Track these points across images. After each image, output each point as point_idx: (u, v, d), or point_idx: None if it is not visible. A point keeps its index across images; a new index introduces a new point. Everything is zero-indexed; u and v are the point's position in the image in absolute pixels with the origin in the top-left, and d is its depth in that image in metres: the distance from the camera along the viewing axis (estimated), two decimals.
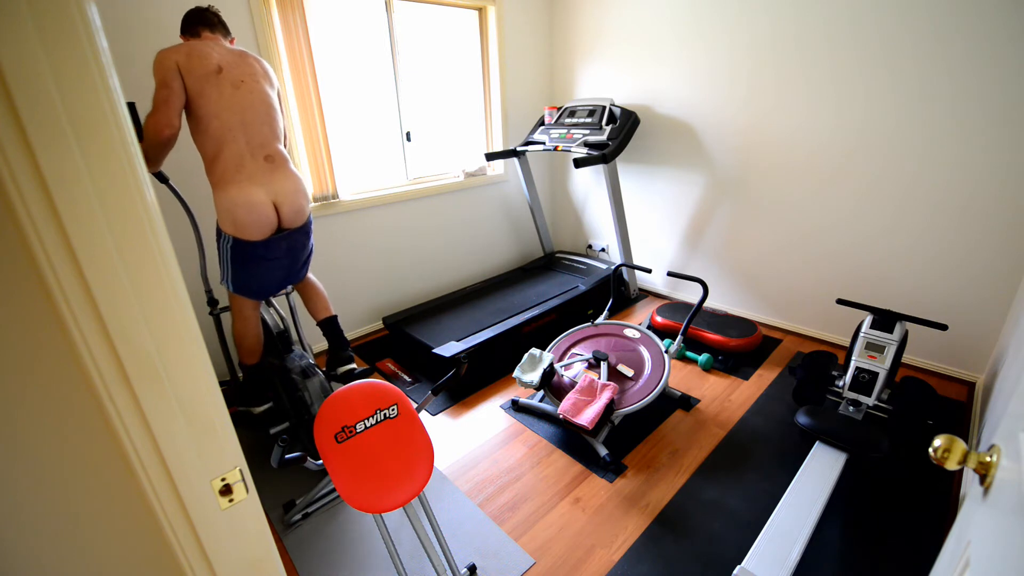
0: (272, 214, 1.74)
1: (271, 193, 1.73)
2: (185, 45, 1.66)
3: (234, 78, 1.69)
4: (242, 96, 1.70)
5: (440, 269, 3.48)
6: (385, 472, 1.26)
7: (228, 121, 1.67)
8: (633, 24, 3.14)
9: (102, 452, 0.63)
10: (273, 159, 1.75)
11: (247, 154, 1.70)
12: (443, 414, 2.38)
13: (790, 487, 1.66)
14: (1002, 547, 0.60)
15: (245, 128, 1.70)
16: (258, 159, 1.72)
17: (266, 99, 1.76)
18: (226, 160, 1.68)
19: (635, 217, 3.54)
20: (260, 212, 1.69)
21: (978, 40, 2.03)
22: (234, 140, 1.67)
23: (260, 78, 1.77)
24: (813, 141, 2.58)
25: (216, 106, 1.65)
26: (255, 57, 1.82)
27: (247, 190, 1.68)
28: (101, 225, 0.52)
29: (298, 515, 1.78)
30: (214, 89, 1.64)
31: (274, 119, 1.78)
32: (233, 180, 1.67)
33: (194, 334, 0.62)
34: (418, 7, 2.98)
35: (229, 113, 1.67)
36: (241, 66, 1.73)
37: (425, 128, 3.22)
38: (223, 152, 1.67)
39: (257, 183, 1.70)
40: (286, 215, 1.77)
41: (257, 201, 1.68)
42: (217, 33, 1.79)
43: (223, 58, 1.69)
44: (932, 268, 2.38)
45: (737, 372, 2.60)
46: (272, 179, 1.73)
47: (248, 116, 1.70)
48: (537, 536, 1.69)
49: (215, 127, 1.66)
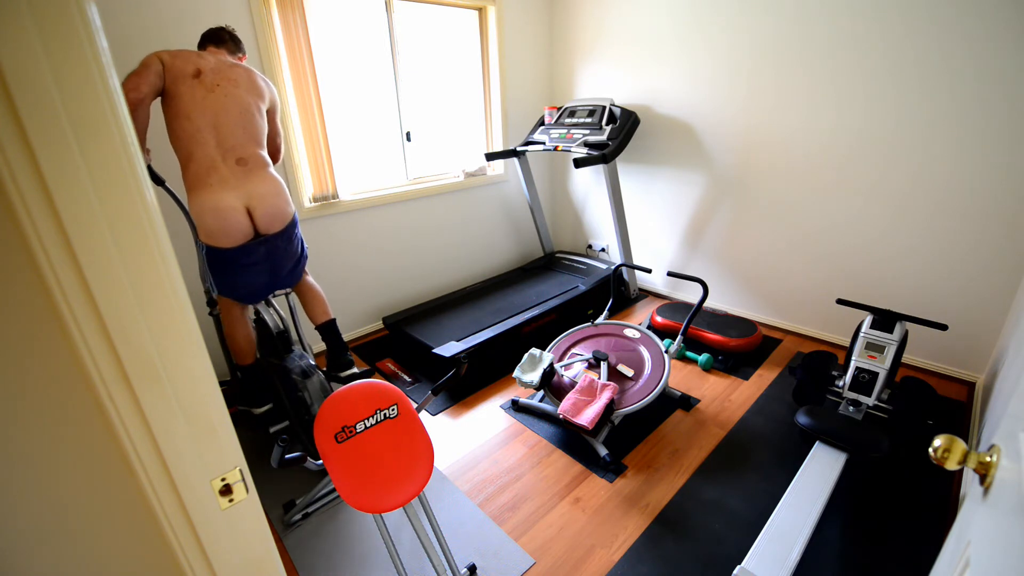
0: (244, 220, 1.68)
1: (243, 197, 1.67)
2: (174, 50, 1.68)
3: (210, 82, 1.68)
4: (215, 99, 1.67)
5: (440, 269, 3.48)
6: (385, 472, 1.26)
7: (198, 122, 1.64)
8: (633, 24, 3.14)
9: (102, 452, 0.63)
10: (246, 162, 1.70)
11: (218, 157, 1.66)
12: (443, 414, 2.38)
13: (790, 487, 1.66)
14: (1002, 547, 0.60)
15: (216, 130, 1.66)
16: (229, 162, 1.67)
17: (242, 104, 1.72)
18: (198, 163, 1.64)
19: (635, 217, 3.54)
20: (230, 218, 1.65)
21: (978, 41, 2.03)
22: (204, 142, 1.64)
23: (241, 85, 1.74)
24: (813, 141, 2.58)
25: (187, 107, 1.63)
26: (248, 70, 1.81)
27: (217, 194, 1.63)
28: (101, 225, 0.52)
29: (298, 515, 1.78)
30: (188, 90, 1.63)
31: (250, 123, 1.74)
32: (204, 184, 1.63)
33: (194, 334, 0.61)
34: (418, 7, 2.98)
35: (199, 114, 1.64)
36: (223, 73, 1.72)
37: (425, 128, 3.22)
38: (194, 154, 1.64)
39: (229, 187, 1.65)
40: (261, 220, 1.72)
41: (226, 207, 1.63)
42: (223, 48, 1.82)
43: (207, 65, 1.70)
44: (932, 268, 2.38)
45: (737, 372, 2.60)
46: (245, 183, 1.68)
47: (220, 119, 1.67)
48: (537, 536, 1.69)
49: (185, 127, 1.63)
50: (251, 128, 1.73)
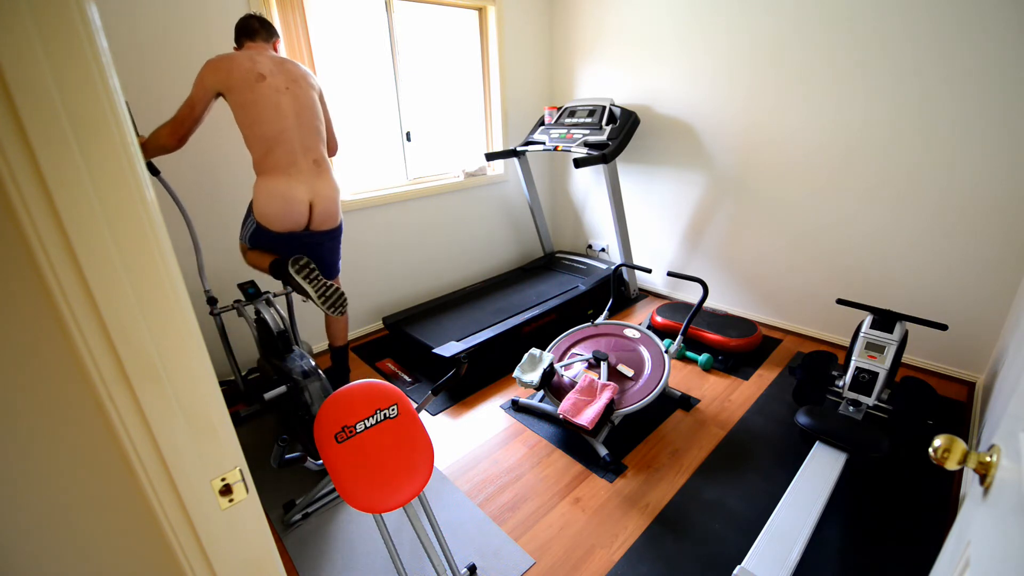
0: (305, 212, 1.84)
1: (311, 193, 1.82)
2: (226, 61, 1.73)
3: (279, 85, 1.77)
4: (288, 101, 1.78)
5: (440, 269, 3.48)
6: (385, 472, 1.26)
7: (281, 124, 1.76)
8: (633, 24, 3.14)
9: (102, 452, 0.62)
10: (320, 164, 1.86)
11: (300, 153, 1.80)
12: (443, 414, 2.38)
13: (790, 487, 1.66)
14: (1002, 547, 0.60)
15: (299, 130, 1.79)
16: (308, 160, 1.82)
17: (311, 104, 1.83)
18: (278, 157, 1.77)
19: (635, 217, 3.54)
20: (295, 208, 1.80)
21: (979, 41, 2.03)
22: (288, 141, 1.77)
23: (301, 82, 1.83)
24: (813, 141, 2.58)
25: (265, 112, 1.74)
26: (293, 63, 1.87)
27: (293, 184, 1.78)
28: (101, 225, 0.52)
29: (298, 515, 1.78)
30: (260, 97, 1.73)
31: (319, 124, 1.86)
32: (283, 172, 1.77)
33: (194, 334, 0.61)
34: (418, 7, 2.98)
35: (281, 117, 1.76)
36: (283, 72, 1.80)
37: (425, 128, 3.22)
38: (276, 150, 1.77)
39: (303, 181, 1.80)
40: (317, 216, 1.87)
41: (296, 197, 1.79)
42: (259, 40, 1.85)
43: (265, 66, 1.77)
44: (932, 268, 2.38)
45: (737, 372, 2.60)
46: (316, 180, 1.84)
47: (302, 119, 1.80)
48: (537, 536, 1.69)
49: (266, 131, 1.75)
50: (320, 129, 1.86)
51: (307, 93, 1.83)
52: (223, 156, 2.36)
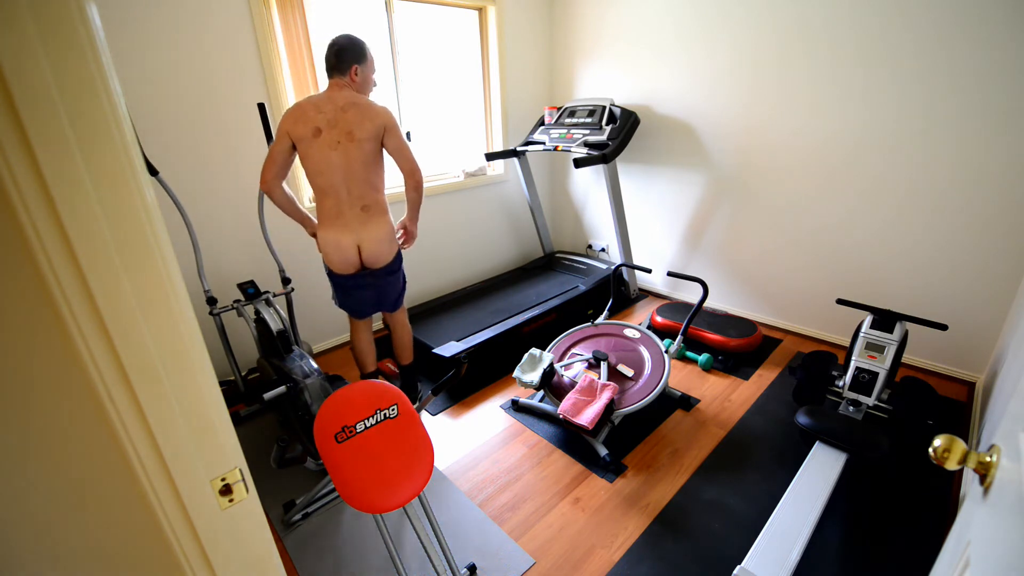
0: (354, 255, 2.00)
1: (358, 238, 1.98)
2: (296, 111, 1.82)
3: (331, 140, 1.84)
4: (338, 157, 1.86)
5: (440, 269, 3.48)
6: (385, 472, 1.26)
7: (330, 178, 1.88)
8: (633, 24, 3.14)
9: (102, 452, 0.62)
10: (369, 209, 1.97)
11: (346, 204, 1.93)
12: (443, 414, 2.38)
13: (790, 487, 1.66)
14: (1002, 547, 0.60)
15: (346, 183, 1.90)
16: (355, 209, 1.95)
17: (363, 157, 1.90)
18: (328, 208, 1.93)
19: (635, 217, 3.54)
20: (345, 253, 1.98)
21: (979, 42, 2.03)
22: (335, 193, 1.91)
23: (356, 135, 1.86)
24: (814, 141, 2.58)
25: (317, 165, 1.86)
26: (357, 106, 1.86)
27: (339, 234, 1.95)
28: (101, 225, 0.52)
29: (298, 515, 1.78)
30: (314, 152, 1.85)
31: (372, 174, 1.95)
32: (332, 224, 1.95)
33: (194, 334, 0.61)
34: (418, 7, 2.98)
35: (331, 172, 1.87)
36: (339, 126, 1.84)
37: (425, 128, 3.22)
38: (326, 201, 1.92)
39: (349, 230, 1.96)
40: (367, 258, 2.03)
41: (344, 245, 1.97)
42: (335, 76, 1.89)
43: (324, 119, 1.83)
44: (932, 268, 2.38)
45: (737, 372, 2.60)
46: (362, 228, 1.97)
47: (349, 173, 1.89)
48: (537, 536, 1.69)
49: (319, 182, 1.90)
50: (373, 178, 1.96)
51: (359, 147, 1.87)
52: (223, 156, 2.36)
